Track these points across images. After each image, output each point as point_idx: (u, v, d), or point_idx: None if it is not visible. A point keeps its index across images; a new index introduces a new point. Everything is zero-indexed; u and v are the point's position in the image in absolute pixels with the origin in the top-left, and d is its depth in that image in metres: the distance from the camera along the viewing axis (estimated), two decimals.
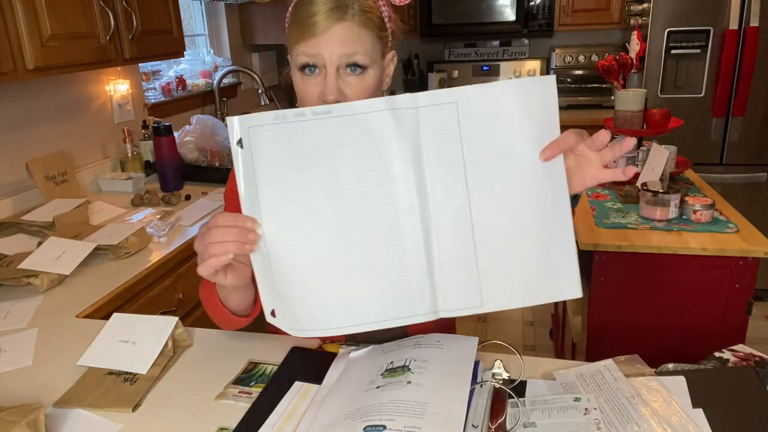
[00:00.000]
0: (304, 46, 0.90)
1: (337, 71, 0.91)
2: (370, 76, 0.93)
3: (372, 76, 0.93)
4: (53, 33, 1.60)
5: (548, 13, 3.45)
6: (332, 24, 0.88)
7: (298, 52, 0.91)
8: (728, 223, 1.67)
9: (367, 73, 0.93)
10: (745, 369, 0.90)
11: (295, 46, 0.91)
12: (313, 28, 0.88)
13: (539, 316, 3.10)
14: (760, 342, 2.74)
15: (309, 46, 0.90)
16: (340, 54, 0.89)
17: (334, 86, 0.90)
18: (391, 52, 1.00)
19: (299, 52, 0.91)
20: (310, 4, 0.89)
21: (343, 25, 0.89)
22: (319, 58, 0.90)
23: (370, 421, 0.77)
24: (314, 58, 0.90)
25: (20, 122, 1.91)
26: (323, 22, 0.88)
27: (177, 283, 1.62)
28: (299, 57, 0.91)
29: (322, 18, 0.88)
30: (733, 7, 2.71)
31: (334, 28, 0.88)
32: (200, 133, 2.38)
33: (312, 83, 0.92)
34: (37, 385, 1.00)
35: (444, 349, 0.92)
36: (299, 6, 0.91)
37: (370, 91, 0.94)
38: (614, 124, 2.05)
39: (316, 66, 0.91)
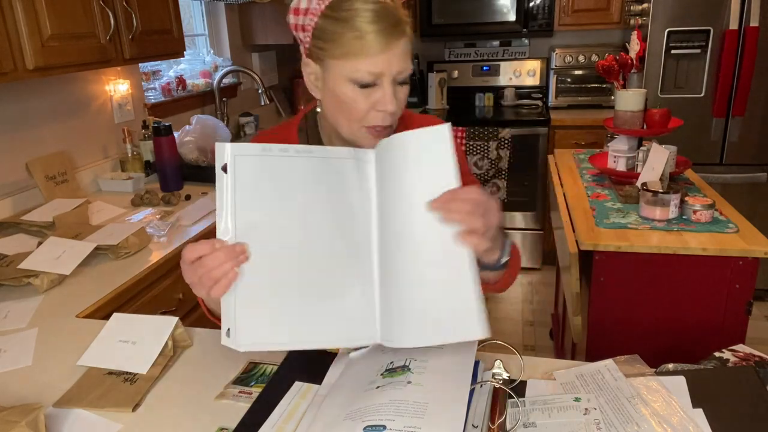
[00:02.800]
0: (364, 64, 0.90)
1: (391, 83, 0.93)
2: (408, 85, 0.96)
3: (409, 83, 0.97)
4: (53, 33, 1.60)
5: (548, 13, 3.45)
6: (396, 41, 0.90)
7: (355, 68, 0.90)
8: (728, 223, 1.67)
9: (408, 82, 0.96)
10: (745, 369, 0.90)
11: (348, 60, 0.90)
12: (377, 45, 0.89)
13: (539, 316, 3.10)
14: (760, 342, 2.74)
15: (371, 65, 0.90)
16: (399, 70, 0.92)
17: (393, 97, 0.93)
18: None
19: (357, 69, 0.90)
20: (366, 19, 0.88)
21: (403, 41, 0.91)
22: (378, 72, 0.91)
23: (370, 421, 0.77)
24: (375, 76, 0.91)
25: (20, 122, 1.91)
26: (387, 40, 0.89)
27: (177, 283, 1.62)
28: (358, 74, 0.91)
29: (384, 36, 0.89)
30: (733, 7, 2.71)
31: (396, 45, 0.90)
32: (200, 133, 2.38)
33: (367, 95, 0.93)
34: (37, 385, 1.00)
35: (444, 349, 0.92)
36: (349, 17, 0.89)
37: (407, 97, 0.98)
38: (614, 124, 2.05)
39: (374, 82, 0.92)
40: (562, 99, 3.66)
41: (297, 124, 1.10)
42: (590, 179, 2.15)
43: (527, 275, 3.59)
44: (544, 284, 3.45)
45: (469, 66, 3.90)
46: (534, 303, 3.26)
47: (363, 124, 0.95)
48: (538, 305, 3.23)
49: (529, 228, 3.58)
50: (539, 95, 3.84)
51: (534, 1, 3.44)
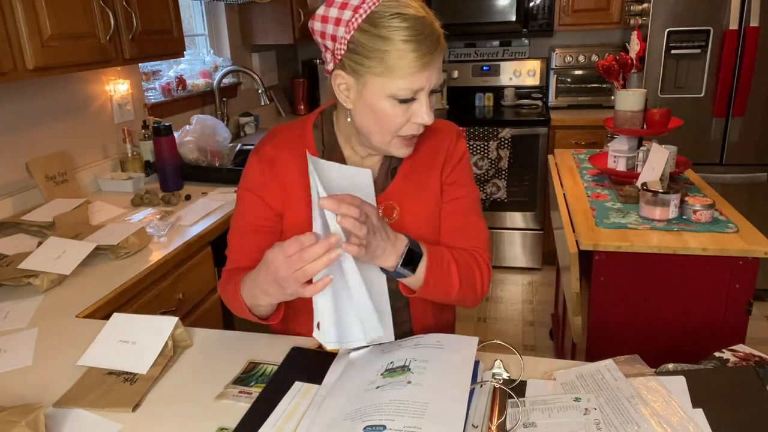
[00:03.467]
0: (408, 82, 0.91)
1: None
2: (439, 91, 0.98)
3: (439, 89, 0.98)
4: (53, 33, 1.60)
5: (548, 13, 3.45)
6: (438, 57, 0.92)
7: (397, 86, 0.91)
8: (728, 223, 1.67)
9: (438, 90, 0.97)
10: (745, 369, 0.90)
11: (391, 78, 0.91)
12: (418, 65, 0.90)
13: (539, 316, 3.10)
14: (760, 342, 2.74)
15: (414, 82, 0.91)
16: (436, 83, 0.94)
17: (429, 110, 0.95)
18: None
19: (399, 87, 0.91)
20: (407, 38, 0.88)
21: (439, 57, 0.93)
22: (420, 90, 0.93)
23: (370, 421, 0.77)
24: (416, 92, 0.93)
25: (20, 122, 1.91)
26: (425, 59, 0.90)
27: (177, 283, 1.62)
28: (400, 91, 0.92)
29: (429, 55, 0.90)
30: (733, 7, 2.71)
31: (434, 61, 0.92)
32: (200, 133, 2.38)
33: (406, 109, 0.95)
34: (37, 385, 1.00)
35: (444, 349, 0.92)
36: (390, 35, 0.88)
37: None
38: (614, 124, 2.04)
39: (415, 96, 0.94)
40: (562, 99, 3.66)
41: (313, 121, 1.10)
42: (590, 179, 2.15)
43: (527, 275, 3.59)
44: (544, 284, 3.45)
45: (469, 66, 3.90)
46: (534, 303, 3.26)
47: (397, 135, 0.97)
48: (538, 305, 3.23)
49: (529, 228, 3.58)
50: (539, 95, 3.84)
51: (534, 1, 3.44)
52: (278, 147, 1.08)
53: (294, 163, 1.07)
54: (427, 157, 1.10)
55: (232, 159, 2.46)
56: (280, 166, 1.07)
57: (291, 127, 1.11)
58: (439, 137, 1.12)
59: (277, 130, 1.12)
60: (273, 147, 1.08)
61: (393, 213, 1.07)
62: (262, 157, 1.08)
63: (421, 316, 1.15)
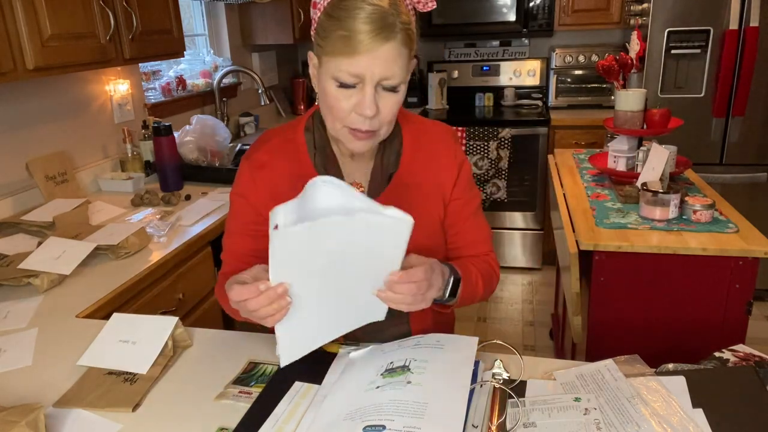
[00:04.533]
0: (346, 64, 0.89)
1: (375, 88, 0.91)
2: (401, 92, 0.95)
3: (403, 91, 0.95)
4: (53, 33, 1.60)
5: (548, 13, 3.45)
6: (380, 44, 0.88)
7: (338, 67, 0.90)
8: (728, 223, 1.67)
9: (400, 90, 0.94)
10: (745, 369, 0.90)
11: (334, 58, 0.90)
12: (360, 46, 0.87)
13: (539, 316, 3.10)
14: (760, 342, 2.74)
15: (351, 65, 0.89)
16: (381, 74, 0.90)
17: (372, 101, 0.91)
18: (414, 61, 1.00)
19: (339, 68, 0.90)
20: (355, 19, 0.87)
21: (389, 46, 0.89)
22: (360, 74, 0.90)
23: (370, 421, 0.77)
24: (356, 77, 0.90)
25: (20, 122, 1.91)
26: (371, 43, 0.87)
27: (177, 283, 1.62)
28: (339, 73, 0.90)
29: (369, 38, 0.87)
30: (733, 7, 2.71)
31: (380, 49, 0.88)
32: (200, 133, 2.38)
33: (347, 96, 0.92)
34: (37, 385, 1.00)
35: (444, 349, 0.92)
36: (342, 15, 0.89)
37: (399, 105, 0.96)
38: (614, 124, 2.04)
39: (355, 83, 0.91)
40: (562, 99, 3.66)
41: (304, 124, 1.09)
42: (590, 179, 2.15)
43: (527, 275, 3.59)
44: (544, 284, 3.45)
45: (469, 66, 3.90)
46: (534, 303, 3.26)
47: (345, 125, 0.95)
48: (538, 305, 3.23)
49: (529, 228, 3.58)
50: (539, 95, 3.84)
51: (534, 1, 3.44)
52: (269, 152, 1.08)
53: (285, 169, 1.06)
54: (424, 163, 1.10)
55: (232, 159, 2.46)
56: (270, 172, 1.07)
57: (282, 131, 1.11)
58: (438, 144, 1.11)
59: (268, 135, 1.12)
60: (264, 152, 1.08)
61: None
62: (253, 163, 1.08)
63: (419, 316, 1.15)
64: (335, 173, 1.07)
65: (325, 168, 1.07)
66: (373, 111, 0.91)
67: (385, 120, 0.95)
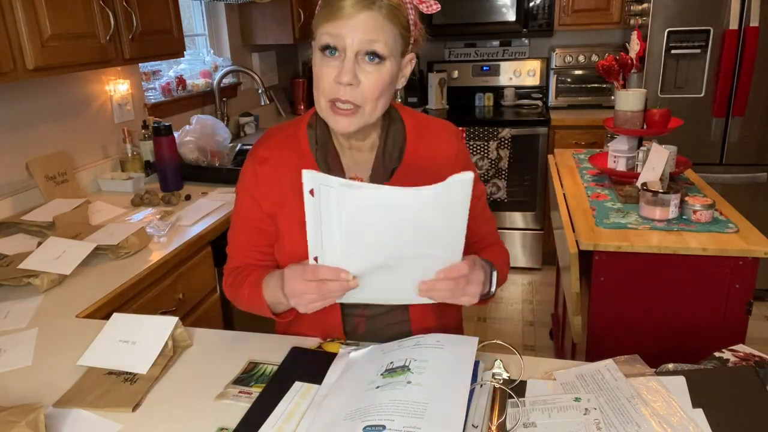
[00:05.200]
0: (327, 27, 0.93)
1: (355, 57, 0.93)
2: (387, 69, 0.95)
3: (388, 68, 0.95)
4: (53, 33, 1.60)
5: (548, 13, 3.45)
6: (359, 11, 0.91)
7: (322, 32, 0.94)
8: (728, 223, 1.67)
9: (384, 65, 0.95)
10: (745, 369, 0.90)
11: (320, 27, 0.94)
12: (341, 12, 0.91)
13: (539, 316, 3.10)
14: (760, 342, 2.74)
15: (332, 27, 0.92)
16: (361, 39, 0.92)
17: (350, 69, 0.93)
18: (410, 54, 1.01)
19: (323, 32, 0.94)
20: None
21: (369, 14, 0.91)
22: (340, 40, 0.92)
23: (370, 421, 0.77)
24: (335, 39, 0.92)
25: (20, 122, 1.91)
26: (351, 8, 0.91)
27: (177, 283, 1.62)
28: (322, 37, 0.94)
29: (350, 4, 0.91)
30: (733, 7, 2.71)
31: (360, 15, 0.91)
32: (200, 133, 2.38)
33: (330, 65, 0.95)
34: (37, 385, 1.00)
35: (444, 349, 0.92)
36: None
37: (384, 83, 0.96)
38: (614, 124, 2.04)
39: (337, 49, 0.93)
40: (562, 99, 3.66)
41: (307, 120, 1.10)
42: (590, 179, 2.15)
43: (527, 275, 3.59)
44: (544, 284, 3.45)
45: (469, 66, 3.90)
46: (534, 303, 3.26)
47: (328, 99, 0.97)
48: (538, 305, 3.23)
49: (529, 228, 3.58)
50: (539, 95, 3.84)
51: (534, 1, 3.44)
52: (272, 149, 1.10)
53: (287, 164, 1.07)
54: (426, 159, 1.10)
55: (232, 159, 2.46)
56: (273, 167, 1.08)
57: (285, 128, 1.12)
58: (440, 141, 1.12)
59: (271, 132, 1.13)
60: (266, 149, 1.10)
61: None
62: (256, 159, 1.10)
63: (421, 316, 1.15)
64: (336, 167, 1.08)
65: (326, 162, 1.07)
66: (349, 77, 0.93)
67: (368, 95, 0.95)
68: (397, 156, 1.09)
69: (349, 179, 0.98)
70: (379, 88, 0.95)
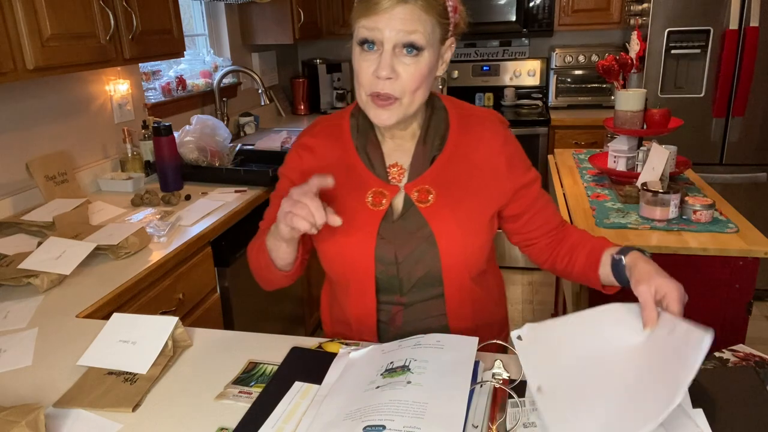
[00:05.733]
0: (365, 21, 0.94)
1: (393, 50, 0.94)
2: (425, 59, 0.96)
3: (427, 59, 0.96)
4: (53, 33, 1.60)
5: (548, 13, 3.45)
6: (396, 4, 0.92)
7: (359, 26, 0.95)
8: (728, 223, 1.67)
9: (422, 56, 0.95)
10: (745, 369, 0.90)
11: (358, 21, 0.95)
12: (377, 6, 0.92)
13: (539, 316, 3.10)
14: (760, 342, 2.74)
15: (369, 21, 0.93)
16: (398, 30, 0.92)
17: (388, 63, 0.94)
18: (450, 39, 1.02)
19: (360, 26, 0.94)
20: None
21: (405, 7, 0.92)
22: (377, 34, 0.93)
23: (370, 421, 0.77)
24: (373, 33, 0.93)
25: (20, 122, 1.91)
26: (387, 2, 0.91)
27: (177, 283, 1.62)
28: (359, 30, 0.95)
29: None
30: (733, 7, 2.71)
31: (396, 9, 0.92)
32: (200, 133, 2.38)
33: (368, 59, 0.95)
34: (37, 385, 1.00)
35: (444, 349, 0.92)
36: None
37: (423, 74, 0.97)
38: (614, 124, 2.04)
39: (374, 43, 0.94)
40: (562, 99, 3.66)
41: (351, 110, 1.12)
42: (590, 179, 2.15)
43: (527, 275, 3.59)
44: (544, 284, 3.45)
45: (469, 66, 3.90)
46: (534, 303, 3.26)
47: (368, 92, 0.97)
48: (538, 305, 3.23)
49: None
50: (539, 95, 3.84)
51: (534, 1, 3.44)
52: (316, 137, 1.13)
53: (328, 151, 1.10)
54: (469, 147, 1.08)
55: (232, 159, 2.46)
56: (315, 154, 1.11)
57: (331, 117, 1.15)
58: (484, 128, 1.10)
59: (318, 120, 1.17)
60: (311, 137, 1.13)
61: (428, 197, 1.06)
62: (301, 145, 1.13)
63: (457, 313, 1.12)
64: (376, 156, 1.08)
65: (365, 150, 1.08)
66: (387, 71, 0.93)
67: (408, 87, 0.96)
68: (438, 144, 1.08)
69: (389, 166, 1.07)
70: (418, 80, 0.96)
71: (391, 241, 1.06)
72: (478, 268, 1.11)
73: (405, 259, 1.06)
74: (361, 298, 1.10)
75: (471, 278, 1.10)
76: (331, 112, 1.15)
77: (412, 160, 1.08)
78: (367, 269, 1.07)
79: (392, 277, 1.08)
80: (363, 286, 1.09)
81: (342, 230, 1.01)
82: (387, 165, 1.09)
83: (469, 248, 1.07)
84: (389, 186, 1.07)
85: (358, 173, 1.08)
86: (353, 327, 1.14)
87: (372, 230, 1.05)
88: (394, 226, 1.06)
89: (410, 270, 1.07)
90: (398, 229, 1.06)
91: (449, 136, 1.09)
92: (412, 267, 1.07)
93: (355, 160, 1.09)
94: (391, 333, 1.13)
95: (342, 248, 1.07)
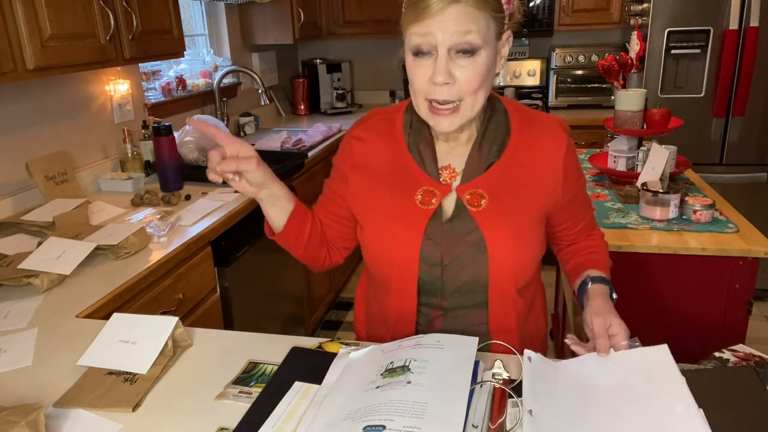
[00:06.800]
0: (416, 27, 0.90)
1: (448, 53, 0.90)
2: (482, 59, 0.92)
3: (484, 58, 0.92)
4: (53, 33, 1.60)
5: (548, 13, 3.45)
6: (447, 5, 0.88)
7: (410, 33, 0.91)
8: (728, 223, 1.67)
9: (479, 56, 0.91)
10: (745, 369, 0.91)
11: (408, 27, 0.91)
12: (427, 10, 0.88)
13: None
14: (760, 342, 2.74)
15: (421, 27, 0.89)
16: (452, 33, 0.88)
17: (443, 67, 0.90)
18: (507, 33, 0.97)
19: (411, 33, 0.91)
20: None
21: (457, 7, 0.88)
22: (430, 38, 0.89)
23: (370, 421, 0.77)
24: (426, 38, 0.89)
25: (20, 122, 1.91)
26: (437, 4, 0.87)
27: (177, 283, 1.62)
28: (412, 38, 0.91)
29: (436, 1, 0.88)
30: (733, 7, 2.71)
31: (447, 10, 0.88)
32: (200, 133, 2.38)
33: (423, 65, 0.92)
34: (37, 385, 1.00)
35: (444, 349, 0.92)
36: None
37: (482, 75, 0.93)
38: (614, 124, 2.04)
39: (428, 50, 0.91)
40: (562, 99, 3.66)
41: (406, 105, 1.09)
42: (590, 179, 2.14)
43: None
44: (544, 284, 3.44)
45: None
46: None
47: (425, 99, 0.95)
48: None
49: None
50: (539, 95, 3.84)
51: (534, 1, 3.44)
52: (368, 129, 1.11)
53: (380, 146, 1.08)
54: (529, 154, 1.04)
55: None
56: (366, 146, 1.09)
57: (386, 111, 1.13)
58: (545, 134, 1.06)
59: (372, 113, 1.14)
60: (364, 129, 1.11)
61: (481, 202, 1.02)
62: (354, 136, 1.12)
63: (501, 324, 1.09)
64: (429, 154, 1.05)
65: (418, 148, 1.06)
66: (443, 76, 0.90)
67: (466, 90, 0.93)
68: (496, 150, 1.04)
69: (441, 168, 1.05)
70: (477, 81, 0.92)
71: (438, 243, 1.02)
72: (525, 280, 1.06)
73: (451, 262, 1.03)
74: (402, 297, 1.07)
75: (517, 290, 1.06)
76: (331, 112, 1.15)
77: (466, 165, 1.04)
78: (411, 267, 1.03)
79: (435, 279, 1.04)
80: (405, 285, 1.06)
81: (388, 225, 1.01)
82: (439, 166, 1.05)
83: (520, 259, 1.03)
84: (440, 185, 1.03)
85: (408, 170, 1.05)
86: (391, 326, 1.11)
87: (419, 228, 1.02)
88: (442, 228, 1.02)
89: (455, 274, 1.03)
90: (447, 231, 1.02)
91: (509, 141, 1.04)
92: (458, 271, 1.03)
93: (406, 157, 1.06)
94: None
95: (387, 242, 1.04)
